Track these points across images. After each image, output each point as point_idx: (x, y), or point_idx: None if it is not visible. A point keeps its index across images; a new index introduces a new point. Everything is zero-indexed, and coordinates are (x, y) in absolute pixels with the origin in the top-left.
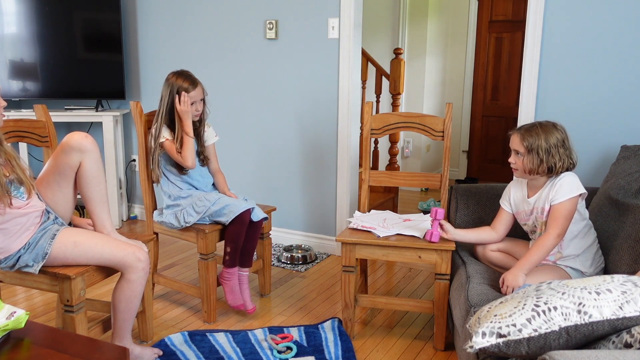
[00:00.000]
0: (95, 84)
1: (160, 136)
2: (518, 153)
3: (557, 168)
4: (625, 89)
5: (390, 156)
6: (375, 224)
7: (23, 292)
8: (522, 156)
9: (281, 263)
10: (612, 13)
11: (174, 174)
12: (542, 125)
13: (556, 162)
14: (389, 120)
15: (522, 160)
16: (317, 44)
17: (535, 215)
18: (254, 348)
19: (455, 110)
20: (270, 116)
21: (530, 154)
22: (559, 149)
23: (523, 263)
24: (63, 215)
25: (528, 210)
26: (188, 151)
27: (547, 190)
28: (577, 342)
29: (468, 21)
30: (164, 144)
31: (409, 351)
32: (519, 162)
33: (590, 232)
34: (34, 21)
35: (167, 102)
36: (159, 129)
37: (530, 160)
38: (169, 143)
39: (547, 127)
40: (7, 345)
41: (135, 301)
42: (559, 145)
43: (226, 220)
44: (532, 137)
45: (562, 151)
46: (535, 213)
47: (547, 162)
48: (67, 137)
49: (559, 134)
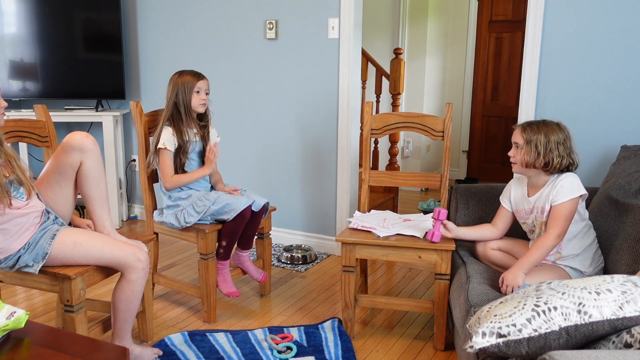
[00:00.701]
0: (95, 84)
1: (160, 141)
2: (517, 146)
3: (554, 164)
4: (625, 89)
5: (390, 156)
6: (375, 224)
7: (23, 292)
8: (521, 149)
9: (281, 263)
10: (612, 13)
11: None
12: (545, 122)
13: (554, 158)
14: (389, 120)
15: (520, 152)
16: (317, 44)
17: (535, 215)
18: (254, 348)
19: (455, 110)
20: (270, 116)
21: (528, 145)
22: (559, 146)
23: (522, 263)
24: (63, 215)
25: (528, 209)
26: (182, 179)
27: (547, 189)
28: (577, 342)
29: (468, 21)
30: (160, 152)
31: (409, 351)
32: (517, 155)
33: (590, 232)
34: (34, 21)
35: (172, 98)
36: (159, 131)
37: (527, 152)
38: (164, 153)
39: (549, 124)
40: (7, 345)
41: (135, 301)
42: (559, 143)
43: (228, 218)
44: (533, 130)
45: (562, 149)
46: (535, 212)
47: (545, 157)
48: (68, 137)
49: (561, 133)
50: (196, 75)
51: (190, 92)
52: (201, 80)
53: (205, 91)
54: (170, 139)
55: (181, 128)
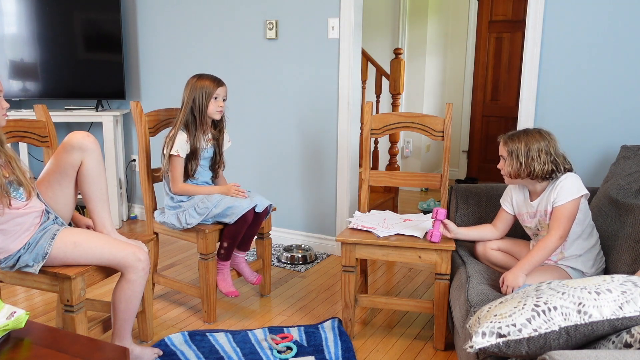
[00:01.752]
0: (95, 84)
1: (174, 146)
2: (503, 158)
3: (536, 172)
4: (625, 88)
5: (390, 156)
6: (375, 224)
7: (23, 292)
8: (506, 160)
9: (281, 263)
10: (612, 13)
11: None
12: (526, 132)
13: (535, 166)
14: (389, 120)
15: (505, 164)
16: (317, 44)
17: (538, 218)
18: (254, 348)
19: (455, 110)
20: (270, 116)
21: (510, 157)
22: (540, 154)
23: (524, 263)
24: (63, 215)
25: (532, 212)
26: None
27: (548, 193)
28: (577, 342)
29: (468, 21)
30: (172, 158)
31: (409, 351)
32: (505, 168)
33: (593, 233)
34: (34, 21)
35: (188, 102)
36: (174, 136)
37: (510, 163)
38: (176, 160)
39: (530, 133)
40: (7, 345)
41: (136, 301)
42: (540, 151)
43: (230, 221)
44: (514, 142)
45: (544, 156)
46: (539, 216)
47: (527, 166)
48: (69, 136)
49: (543, 141)
50: (215, 81)
51: (209, 98)
52: (220, 87)
53: (223, 98)
54: (184, 146)
55: (195, 133)
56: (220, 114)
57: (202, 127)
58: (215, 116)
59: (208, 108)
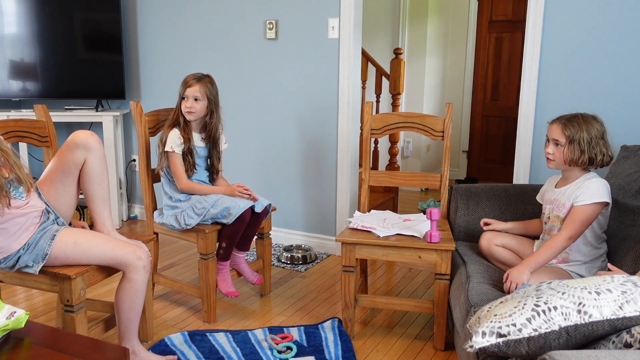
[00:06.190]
0: (95, 84)
1: (167, 143)
2: (558, 144)
3: (597, 160)
4: (625, 88)
5: (390, 156)
6: (375, 224)
7: (23, 292)
8: (563, 147)
9: (281, 263)
10: (612, 13)
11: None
12: (583, 117)
13: (597, 154)
14: (389, 120)
15: (562, 150)
16: (317, 44)
17: (553, 206)
18: (254, 348)
19: (455, 110)
20: (270, 116)
21: (571, 144)
22: (599, 140)
23: (530, 261)
24: (64, 214)
25: (552, 198)
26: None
27: (574, 186)
28: (577, 342)
29: (468, 21)
30: (169, 155)
31: (409, 351)
32: (558, 153)
33: (604, 245)
34: (34, 21)
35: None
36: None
37: (571, 150)
38: (174, 156)
39: (587, 119)
40: (7, 345)
41: (139, 300)
42: (599, 137)
43: (227, 222)
44: (574, 128)
45: (602, 143)
46: (555, 204)
47: (589, 153)
48: (73, 135)
49: (599, 126)
50: (184, 81)
51: (180, 98)
52: (189, 87)
53: (194, 97)
54: (177, 141)
55: (186, 130)
56: (190, 115)
57: (188, 126)
58: (186, 116)
59: (181, 108)
